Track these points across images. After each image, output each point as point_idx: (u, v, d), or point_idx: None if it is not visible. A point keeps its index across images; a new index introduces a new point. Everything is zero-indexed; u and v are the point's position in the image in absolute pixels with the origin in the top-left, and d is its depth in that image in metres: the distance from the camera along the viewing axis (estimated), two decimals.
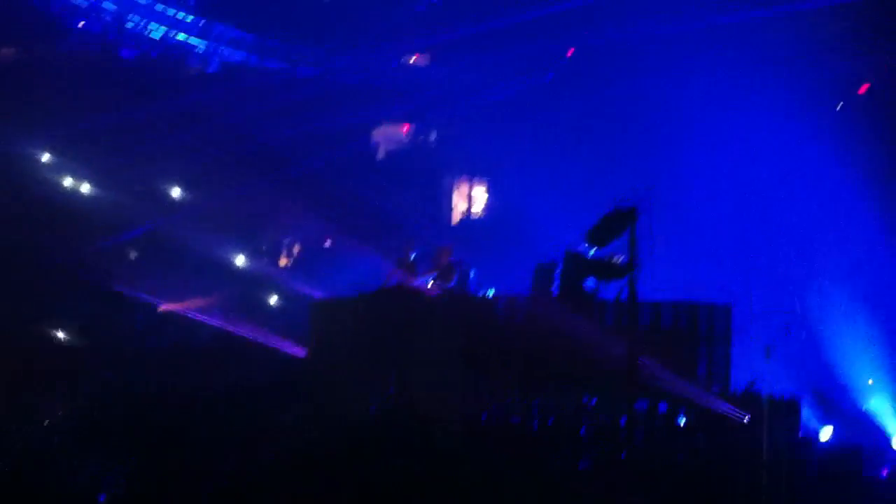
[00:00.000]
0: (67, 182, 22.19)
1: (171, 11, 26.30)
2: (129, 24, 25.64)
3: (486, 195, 25.55)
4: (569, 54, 25.77)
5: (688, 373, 16.56)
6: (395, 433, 16.15)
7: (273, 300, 21.42)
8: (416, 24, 26.44)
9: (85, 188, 22.32)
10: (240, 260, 22.12)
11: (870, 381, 16.65)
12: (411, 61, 27.36)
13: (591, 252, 18.09)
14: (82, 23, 25.08)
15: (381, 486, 15.25)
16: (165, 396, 16.96)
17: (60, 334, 18.66)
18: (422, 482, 15.44)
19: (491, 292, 20.16)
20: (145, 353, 19.05)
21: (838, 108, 23.46)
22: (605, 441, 16.24)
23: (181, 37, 26.49)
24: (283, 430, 16.51)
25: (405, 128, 27.19)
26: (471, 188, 26.03)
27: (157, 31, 26.18)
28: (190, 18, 26.59)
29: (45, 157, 22.11)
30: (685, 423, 16.32)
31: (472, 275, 19.94)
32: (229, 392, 17.06)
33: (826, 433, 16.54)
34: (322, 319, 18.63)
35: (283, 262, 24.94)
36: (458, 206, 26.39)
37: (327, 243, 22.57)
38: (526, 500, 15.72)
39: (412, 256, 19.60)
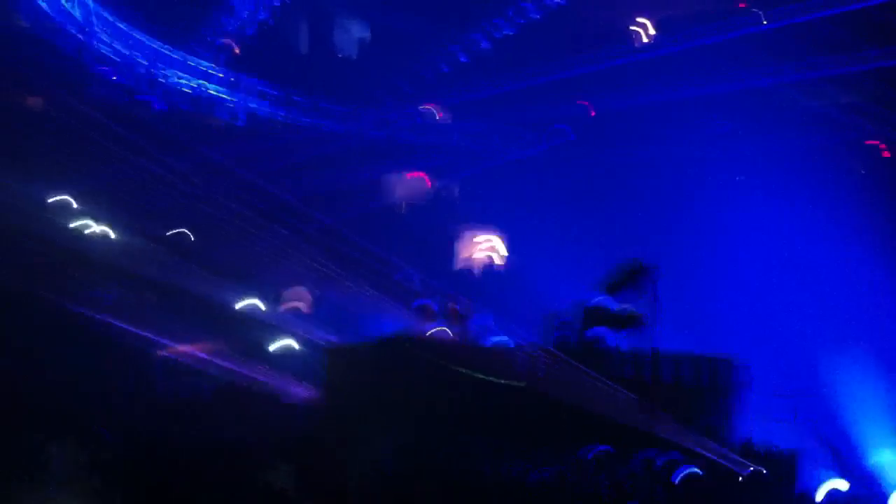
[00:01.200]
0: (90, 229, 22.52)
1: (203, 65, 26.87)
2: (161, 78, 26.21)
3: (502, 246, 25.77)
4: (592, 114, 26.17)
5: (706, 426, 16.53)
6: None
7: (287, 345, 21.53)
8: (439, 84, 26.99)
9: (108, 235, 22.64)
10: (255, 305, 22.30)
11: None
12: (436, 118, 27.82)
13: (607, 303, 18.24)
14: (115, 77, 25.69)
15: None
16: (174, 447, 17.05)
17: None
18: None
19: (506, 340, 20.24)
20: (156, 400, 19.14)
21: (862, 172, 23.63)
22: (622, 492, 16.14)
23: (212, 90, 27.03)
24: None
25: (425, 179, 27.54)
26: (488, 238, 26.25)
27: (188, 84, 26.74)
28: (221, 73, 27.16)
29: (70, 204, 22.49)
30: (703, 476, 16.18)
31: (489, 323, 20.07)
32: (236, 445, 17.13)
33: (822, 492, 16.11)
34: (337, 365, 18.75)
35: (302, 309, 25.17)
36: (476, 255, 26.57)
37: (343, 290, 22.76)
38: None
39: (431, 305, 19.74)
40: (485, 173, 26.36)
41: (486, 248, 24.77)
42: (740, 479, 15.52)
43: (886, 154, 24.44)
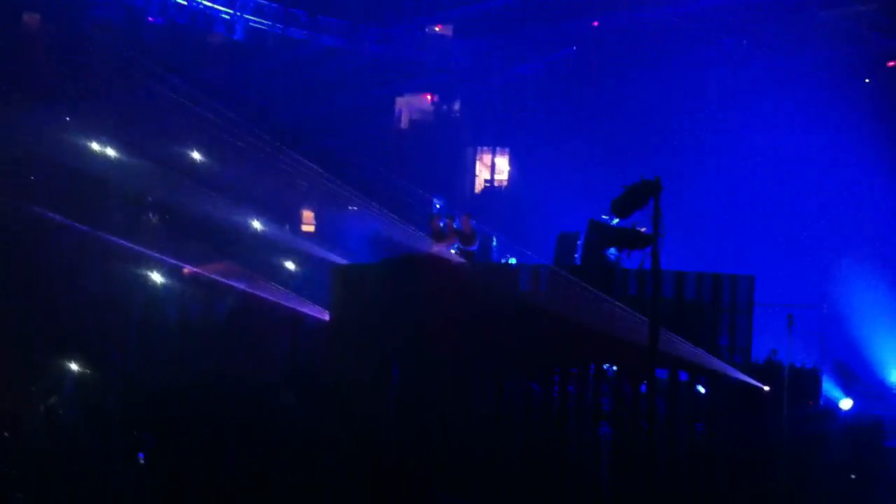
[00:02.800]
0: (92, 150, 22.26)
1: None
2: None
3: (508, 166, 25.63)
4: (594, 24, 25.81)
5: (709, 343, 16.60)
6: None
7: (295, 265, 21.54)
8: None
9: (109, 156, 22.40)
10: (264, 227, 22.24)
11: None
12: (435, 30, 27.42)
13: (615, 222, 18.13)
14: None
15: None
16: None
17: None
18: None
19: (513, 261, 20.25)
20: (170, 326, 19.20)
21: (866, 82, 23.41)
22: (625, 409, 16.34)
23: (207, 4, 26.49)
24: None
25: (429, 98, 27.26)
26: (493, 158, 26.11)
27: None
28: None
29: (70, 126, 22.16)
30: (706, 392, 16.38)
31: (494, 243, 20.03)
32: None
33: (846, 403, 16.58)
34: (344, 285, 18.68)
35: (306, 228, 25.18)
36: (481, 175, 26.48)
37: (350, 210, 22.70)
38: (548, 468, 15.88)
39: (441, 224, 19.63)
40: (490, 91, 26.08)
41: (493, 168, 24.64)
42: (766, 389, 15.68)
43: (891, 64, 24.22)
